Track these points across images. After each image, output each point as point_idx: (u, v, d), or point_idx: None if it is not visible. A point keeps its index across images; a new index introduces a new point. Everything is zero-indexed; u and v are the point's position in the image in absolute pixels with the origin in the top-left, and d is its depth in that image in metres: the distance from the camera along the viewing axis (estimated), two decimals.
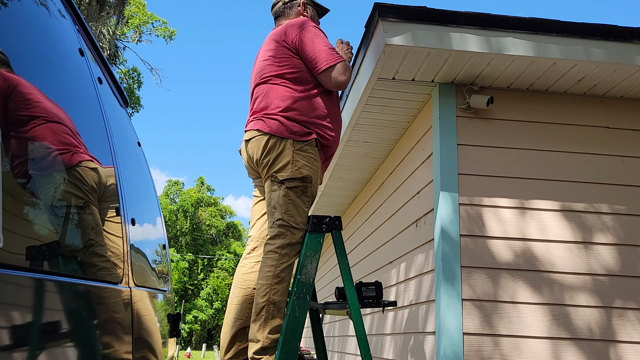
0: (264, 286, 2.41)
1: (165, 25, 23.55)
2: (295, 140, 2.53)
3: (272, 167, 2.53)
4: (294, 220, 2.49)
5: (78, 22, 1.68)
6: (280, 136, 2.53)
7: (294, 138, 2.53)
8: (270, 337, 2.36)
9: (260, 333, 2.37)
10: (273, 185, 2.53)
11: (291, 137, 2.53)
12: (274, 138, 2.53)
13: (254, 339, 2.39)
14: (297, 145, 2.53)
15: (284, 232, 2.47)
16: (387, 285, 4.37)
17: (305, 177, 2.52)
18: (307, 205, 2.55)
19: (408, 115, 3.99)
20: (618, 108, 3.55)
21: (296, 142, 2.53)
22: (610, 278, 3.24)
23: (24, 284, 0.91)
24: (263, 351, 2.36)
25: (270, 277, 2.41)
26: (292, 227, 2.48)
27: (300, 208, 2.51)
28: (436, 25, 3.10)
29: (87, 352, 1.17)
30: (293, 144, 2.52)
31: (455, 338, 3.05)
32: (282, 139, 2.52)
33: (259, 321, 2.38)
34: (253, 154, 2.60)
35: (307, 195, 2.53)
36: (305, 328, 8.29)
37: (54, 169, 1.11)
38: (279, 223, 2.48)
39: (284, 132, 2.53)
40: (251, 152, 2.61)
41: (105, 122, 1.63)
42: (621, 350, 3.14)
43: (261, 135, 2.56)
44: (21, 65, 1.05)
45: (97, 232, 1.34)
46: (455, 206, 3.25)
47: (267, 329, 2.37)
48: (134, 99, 22.71)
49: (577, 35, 3.15)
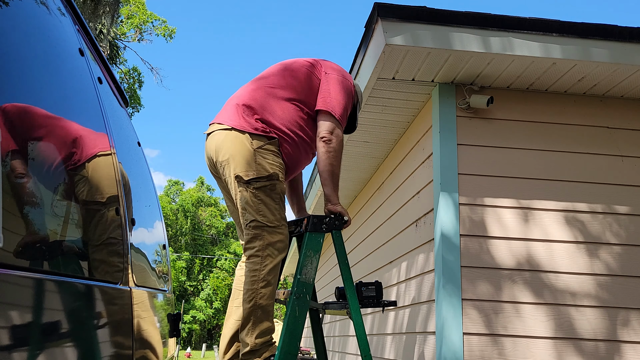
0: (250, 291, 2.37)
1: (165, 24, 23.55)
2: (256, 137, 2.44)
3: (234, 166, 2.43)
4: (267, 219, 2.40)
5: (78, 22, 1.67)
6: (241, 130, 2.44)
7: (255, 133, 2.44)
8: (257, 341, 2.35)
9: (248, 337, 2.36)
10: (240, 186, 2.43)
11: (253, 132, 2.44)
12: (235, 132, 2.44)
13: (243, 342, 2.39)
14: (258, 142, 2.44)
15: (259, 233, 2.39)
16: (387, 285, 4.37)
17: (271, 174, 2.43)
18: (278, 203, 2.46)
19: (408, 115, 3.99)
20: (618, 108, 3.55)
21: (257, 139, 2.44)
22: (611, 278, 3.24)
23: (24, 284, 0.91)
24: (251, 354, 2.36)
25: (256, 281, 2.36)
26: (266, 227, 2.40)
27: (272, 205, 2.43)
28: (436, 25, 3.10)
29: (87, 352, 1.17)
30: (252, 141, 2.43)
31: (455, 338, 3.05)
32: (243, 133, 2.43)
33: (247, 325, 2.37)
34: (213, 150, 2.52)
35: (276, 193, 2.45)
36: (305, 328, 8.29)
37: (54, 169, 1.11)
38: (253, 225, 2.40)
39: (246, 126, 2.44)
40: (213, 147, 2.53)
41: (105, 122, 1.63)
42: (622, 350, 3.14)
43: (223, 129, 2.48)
44: (21, 65, 1.05)
45: (97, 232, 1.33)
46: (455, 206, 3.25)
47: (255, 332, 2.36)
48: (135, 98, 22.71)
49: (577, 35, 3.15)
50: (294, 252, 7.97)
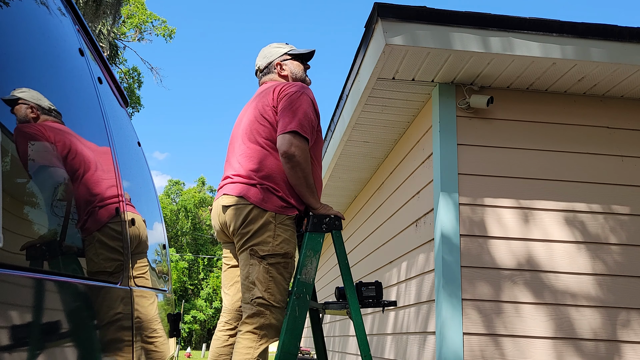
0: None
1: (165, 24, 23.55)
2: (278, 214, 2.38)
3: (252, 239, 2.36)
4: (275, 298, 2.33)
5: (78, 22, 1.67)
6: (263, 208, 2.37)
7: (277, 211, 2.38)
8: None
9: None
10: (252, 259, 2.36)
11: (275, 210, 2.38)
12: (257, 209, 2.37)
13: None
14: (280, 218, 2.38)
15: (263, 311, 2.32)
16: (387, 285, 4.37)
17: (287, 252, 2.37)
18: (288, 282, 2.39)
19: (408, 115, 3.99)
20: (618, 108, 3.55)
21: (279, 216, 2.38)
22: (611, 278, 3.24)
23: (24, 284, 0.91)
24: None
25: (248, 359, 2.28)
26: (272, 306, 2.33)
27: (282, 285, 2.36)
28: (436, 25, 3.10)
29: (87, 352, 1.17)
30: (275, 217, 2.37)
31: (455, 338, 3.05)
32: (265, 211, 2.37)
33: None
34: (230, 222, 2.43)
35: (288, 272, 2.38)
36: (305, 328, 8.30)
37: (54, 169, 1.11)
38: (259, 302, 2.32)
39: (269, 204, 2.38)
40: (229, 219, 2.43)
41: (105, 122, 1.63)
42: (622, 351, 3.14)
43: (244, 204, 2.39)
44: (21, 65, 1.05)
45: (97, 232, 1.34)
46: (455, 206, 3.25)
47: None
48: (135, 98, 22.72)
49: (577, 35, 3.15)
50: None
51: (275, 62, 2.74)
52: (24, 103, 1.02)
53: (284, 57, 2.75)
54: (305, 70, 2.78)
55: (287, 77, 2.72)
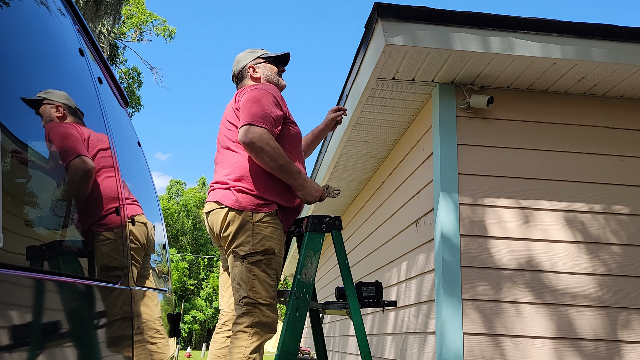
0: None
1: (165, 24, 23.55)
2: (255, 212, 2.41)
3: (233, 241, 2.41)
4: (260, 296, 2.36)
5: (78, 22, 1.67)
6: (238, 209, 2.41)
7: (254, 210, 2.41)
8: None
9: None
10: (235, 261, 2.41)
11: (252, 209, 2.41)
12: (233, 211, 2.41)
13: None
14: (257, 216, 2.41)
15: (251, 309, 2.36)
16: (387, 285, 4.37)
17: (267, 249, 2.40)
18: (273, 278, 2.42)
19: (408, 115, 3.99)
20: (618, 108, 3.55)
21: (256, 214, 2.41)
22: (611, 278, 3.24)
23: (24, 284, 0.91)
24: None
25: (241, 358, 2.30)
26: (259, 304, 2.36)
27: (266, 282, 2.39)
28: (436, 25, 3.10)
29: (87, 352, 1.17)
30: (252, 216, 2.40)
31: (455, 338, 3.05)
32: (241, 211, 2.41)
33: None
34: (213, 227, 2.50)
35: (271, 268, 2.41)
36: (305, 328, 8.30)
37: (54, 169, 1.11)
38: (245, 301, 2.36)
39: (243, 204, 2.42)
40: (212, 225, 2.51)
41: (105, 122, 1.63)
42: (622, 351, 3.14)
43: (220, 208, 2.45)
44: (21, 65, 1.05)
45: (97, 232, 1.34)
46: (456, 206, 3.25)
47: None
48: (134, 98, 22.72)
49: (577, 35, 3.15)
50: (294, 252, 7.98)
51: (248, 66, 2.76)
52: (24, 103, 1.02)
53: (257, 60, 2.77)
54: (279, 73, 2.79)
55: (259, 80, 2.74)
